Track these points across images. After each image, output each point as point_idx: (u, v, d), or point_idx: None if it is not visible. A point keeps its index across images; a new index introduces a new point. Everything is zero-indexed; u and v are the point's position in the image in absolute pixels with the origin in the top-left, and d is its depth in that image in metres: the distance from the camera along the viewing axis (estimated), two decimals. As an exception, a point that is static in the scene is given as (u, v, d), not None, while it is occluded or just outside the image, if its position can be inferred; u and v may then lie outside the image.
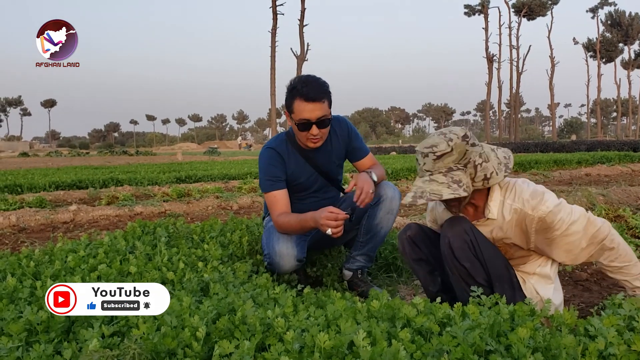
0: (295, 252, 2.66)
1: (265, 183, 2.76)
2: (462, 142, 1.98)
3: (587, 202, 5.79)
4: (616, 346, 1.37)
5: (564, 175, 12.15)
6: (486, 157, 2.03)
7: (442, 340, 1.37)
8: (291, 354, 1.34)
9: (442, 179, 2.00)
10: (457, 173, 2.00)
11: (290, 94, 2.60)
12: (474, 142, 2.03)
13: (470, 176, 2.01)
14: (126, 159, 29.61)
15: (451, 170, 2.00)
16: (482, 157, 2.02)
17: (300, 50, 34.65)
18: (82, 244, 2.80)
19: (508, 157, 2.10)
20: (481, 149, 2.04)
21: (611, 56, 73.89)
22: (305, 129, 2.61)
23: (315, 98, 2.54)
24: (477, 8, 60.72)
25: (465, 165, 2.00)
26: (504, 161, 2.08)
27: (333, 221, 2.38)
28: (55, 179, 9.94)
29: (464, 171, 2.00)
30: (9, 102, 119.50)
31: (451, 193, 1.96)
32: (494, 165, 2.03)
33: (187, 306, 1.64)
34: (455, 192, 1.96)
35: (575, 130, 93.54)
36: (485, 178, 2.01)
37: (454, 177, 1.99)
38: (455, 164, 2.00)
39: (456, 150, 1.98)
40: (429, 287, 2.40)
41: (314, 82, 2.58)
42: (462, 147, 1.98)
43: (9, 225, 5.87)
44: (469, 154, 2.00)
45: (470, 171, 2.01)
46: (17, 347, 1.42)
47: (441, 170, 2.01)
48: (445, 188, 1.98)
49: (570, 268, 3.37)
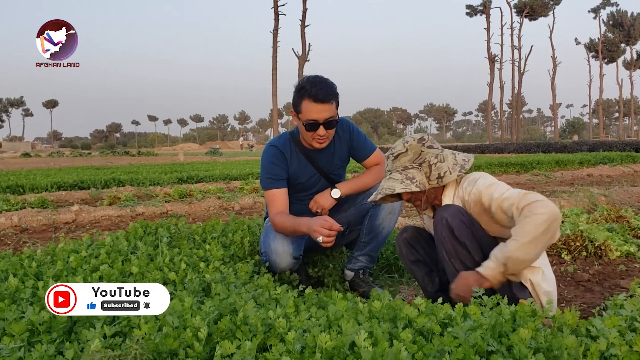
0: (291, 249, 2.67)
1: (266, 180, 2.77)
2: (417, 143, 2.21)
3: (589, 202, 5.78)
4: (618, 347, 1.36)
5: (565, 175, 12.14)
6: (442, 158, 2.22)
7: (444, 340, 1.37)
8: (292, 354, 1.34)
9: (397, 176, 2.21)
10: (412, 171, 2.20)
11: (299, 94, 2.61)
12: (432, 145, 2.23)
13: (426, 175, 2.20)
14: (128, 160, 29.64)
15: (406, 169, 2.21)
16: (437, 157, 2.21)
17: (302, 50, 34.67)
18: (84, 245, 2.80)
19: (467, 161, 2.25)
20: (439, 151, 2.23)
21: (613, 56, 73.80)
22: (313, 129, 2.62)
23: (324, 99, 2.55)
24: (478, 8, 60.71)
25: (420, 164, 2.20)
26: (460, 163, 2.23)
27: (326, 230, 2.40)
28: (57, 180, 9.96)
29: (418, 170, 2.20)
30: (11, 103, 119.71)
31: (403, 188, 2.16)
32: (449, 165, 2.20)
33: (188, 306, 1.64)
34: (407, 187, 2.16)
35: (577, 130, 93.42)
36: (439, 176, 2.19)
37: (407, 175, 2.19)
38: (410, 162, 2.21)
39: (411, 150, 2.20)
40: (428, 288, 2.45)
41: (322, 83, 2.58)
42: (417, 148, 2.20)
43: (11, 226, 5.88)
44: (424, 154, 2.20)
45: (426, 170, 2.20)
46: (19, 347, 1.42)
47: (398, 169, 2.23)
48: (398, 183, 2.18)
49: (572, 269, 3.37)
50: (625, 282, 3.09)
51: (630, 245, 3.75)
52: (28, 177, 11.14)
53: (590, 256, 3.66)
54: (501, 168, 13.46)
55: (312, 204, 2.85)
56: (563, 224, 4.11)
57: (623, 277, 3.24)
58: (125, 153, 46.06)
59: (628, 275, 3.27)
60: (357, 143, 2.93)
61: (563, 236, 3.78)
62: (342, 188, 2.86)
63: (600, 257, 3.64)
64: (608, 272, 3.34)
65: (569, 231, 3.81)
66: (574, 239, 3.74)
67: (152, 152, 49.22)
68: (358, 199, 2.93)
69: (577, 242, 3.72)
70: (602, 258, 3.62)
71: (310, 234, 2.47)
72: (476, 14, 61.55)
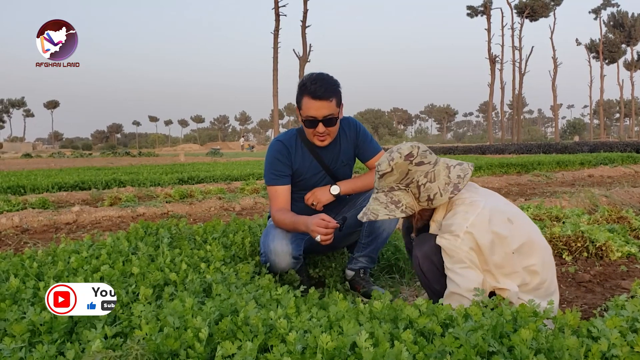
0: (290, 249, 2.68)
1: (269, 176, 2.79)
2: (404, 161, 1.98)
3: (590, 203, 5.78)
4: (619, 348, 1.36)
5: (566, 176, 12.14)
6: (433, 177, 1.99)
7: (445, 341, 1.37)
8: (293, 355, 1.34)
9: (383, 198, 2.04)
10: (397, 193, 2.02)
11: (300, 91, 2.63)
12: (421, 161, 1.99)
13: (415, 196, 2.01)
14: (129, 160, 29.64)
15: (392, 190, 2.03)
16: (427, 176, 1.99)
17: (303, 51, 34.67)
18: (84, 245, 2.81)
19: (462, 177, 2.02)
20: (430, 167, 2.01)
21: (614, 57, 73.76)
22: (312, 126, 2.63)
23: (323, 96, 2.55)
24: (479, 9, 60.70)
25: (408, 185, 2.00)
26: (454, 181, 2.00)
27: (323, 228, 2.40)
28: (58, 180, 9.96)
29: (405, 191, 2.01)
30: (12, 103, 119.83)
31: (386, 214, 2.00)
32: (440, 185, 1.99)
33: (189, 307, 1.64)
34: (391, 214, 2.00)
35: (578, 131, 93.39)
36: (429, 199, 2.00)
37: (393, 198, 2.02)
38: (396, 183, 2.01)
39: (397, 170, 1.99)
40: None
41: (323, 80, 2.58)
42: (404, 167, 1.98)
43: (12, 226, 5.89)
44: (412, 173, 1.99)
45: (414, 191, 2.01)
46: (20, 347, 1.42)
47: (384, 189, 2.04)
48: (382, 208, 2.02)
49: (573, 270, 3.37)
50: (627, 282, 3.09)
51: (632, 246, 3.75)
52: (29, 177, 11.15)
53: (591, 257, 3.66)
54: (502, 169, 13.45)
55: (309, 196, 2.85)
56: (564, 225, 4.11)
57: (624, 277, 3.24)
58: (126, 154, 46.06)
59: (629, 276, 3.27)
60: (362, 143, 2.93)
61: (564, 237, 3.78)
62: (342, 186, 2.86)
63: (601, 257, 3.64)
64: (609, 272, 3.34)
65: (570, 232, 3.81)
66: (575, 240, 3.74)
67: (153, 153, 49.23)
68: (359, 200, 2.93)
69: (578, 242, 3.72)
70: (603, 259, 3.62)
71: (309, 233, 2.48)
72: (477, 15, 61.53)
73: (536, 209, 5.16)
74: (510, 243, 1.92)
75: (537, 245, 2.02)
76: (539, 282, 1.99)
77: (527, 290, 1.98)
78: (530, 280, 1.97)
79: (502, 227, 1.92)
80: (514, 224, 1.98)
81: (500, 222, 1.94)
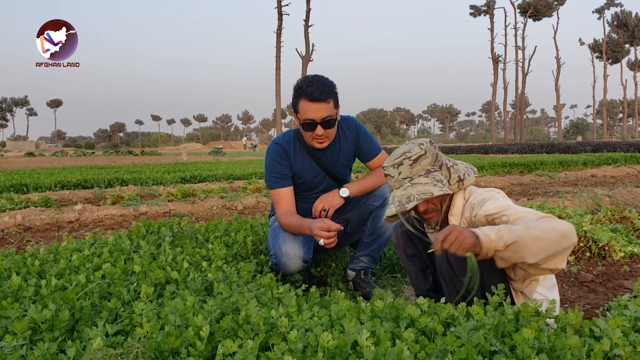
0: (301, 253, 2.66)
1: (270, 179, 2.76)
2: (431, 146, 2.06)
3: (593, 203, 5.76)
4: (621, 347, 1.36)
5: (569, 176, 12.11)
6: (453, 162, 2.10)
7: (446, 340, 1.37)
8: (295, 353, 1.33)
9: (424, 180, 2.01)
10: (436, 174, 2.04)
11: (296, 94, 2.59)
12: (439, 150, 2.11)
13: (446, 178, 2.06)
14: (131, 159, 29.69)
15: (430, 172, 2.04)
16: (450, 161, 2.09)
17: (306, 50, 34.65)
18: (86, 243, 2.81)
19: (469, 167, 2.14)
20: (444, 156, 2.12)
21: (617, 57, 73.57)
22: (310, 129, 2.60)
23: (320, 98, 2.52)
24: (482, 9, 60.62)
25: (440, 167, 2.07)
26: (467, 166, 2.13)
27: (325, 232, 2.40)
28: (61, 179, 9.98)
29: (440, 172, 2.06)
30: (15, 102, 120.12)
31: (440, 190, 1.97)
32: (462, 169, 2.09)
33: (190, 305, 1.64)
34: (443, 189, 1.97)
35: (581, 131, 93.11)
36: (459, 179, 2.06)
37: (435, 177, 2.02)
38: (431, 166, 2.05)
39: (429, 152, 2.04)
40: (420, 285, 2.38)
41: (319, 82, 2.55)
42: (433, 150, 2.06)
43: (14, 224, 5.90)
44: (440, 157, 2.08)
45: (445, 173, 2.06)
46: (22, 345, 1.42)
47: (420, 173, 2.04)
48: (432, 187, 1.98)
49: (575, 269, 3.36)
50: (629, 282, 3.08)
51: (634, 246, 3.74)
52: (32, 176, 11.17)
53: (594, 257, 3.65)
54: (505, 168, 13.43)
55: (319, 203, 2.79)
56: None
57: (627, 277, 3.23)
58: (129, 153, 46.16)
59: (632, 276, 3.25)
60: (363, 143, 2.91)
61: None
62: (350, 188, 2.84)
63: (604, 257, 3.63)
64: (612, 272, 3.33)
65: (573, 232, 3.79)
66: (577, 240, 3.73)
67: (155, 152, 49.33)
68: (362, 200, 2.92)
69: (581, 242, 3.71)
70: (606, 259, 3.61)
71: (313, 236, 2.48)
72: (480, 14, 61.45)
73: (539, 208, 5.15)
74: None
75: None
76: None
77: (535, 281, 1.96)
78: None
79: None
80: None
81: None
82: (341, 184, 2.92)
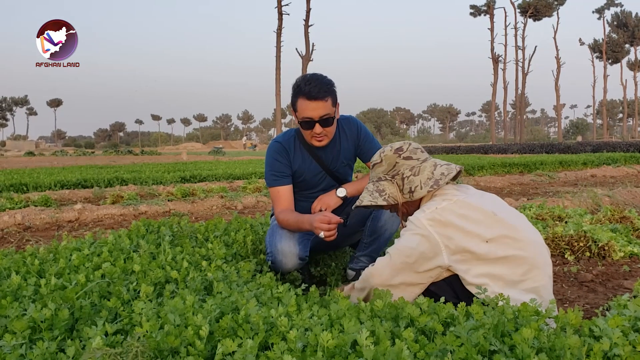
0: (297, 250, 2.66)
1: (270, 177, 2.77)
2: (393, 154, 2.14)
3: (593, 203, 5.76)
4: (621, 347, 1.36)
5: (569, 176, 12.12)
6: (417, 171, 2.11)
7: (446, 340, 1.36)
8: (294, 352, 1.33)
9: (370, 187, 2.20)
10: (383, 183, 2.16)
11: (294, 93, 2.60)
12: (410, 156, 2.13)
13: (399, 187, 2.14)
14: (131, 159, 29.69)
15: (379, 180, 2.18)
16: (412, 170, 2.12)
17: (306, 50, 34.65)
18: (86, 243, 2.81)
19: (445, 175, 2.08)
20: (418, 162, 2.12)
21: (617, 57, 73.59)
22: (309, 127, 2.61)
23: (318, 96, 2.53)
24: (482, 8, 60.63)
25: (393, 176, 2.15)
26: (436, 177, 2.08)
27: (326, 224, 2.40)
28: (61, 178, 9.98)
29: (390, 182, 2.15)
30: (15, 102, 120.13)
31: (370, 200, 2.15)
32: (422, 179, 2.09)
33: (190, 305, 1.64)
34: (373, 200, 2.14)
35: (581, 131, 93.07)
36: (410, 191, 2.11)
37: (378, 187, 2.17)
38: (384, 174, 2.17)
39: (385, 161, 2.15)
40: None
41: (316, 80, 2.56)
42: (392, 159, 2.14)
43: (14, 224, 5.90)
44: (398, 166, 2.13)
45: (399, 183, 2.13)
46: (21, 344, 1.42)
47: (374, 179, 2.21)
48: (368, 195, 2.17)
49: (575, 269, 3.36)
50: (629, 282, 3.08)
51: (634, 246, 3.74)
52: (32, 175, 11.16)
53: (593, 257, 3.65)
54: (504, 168, 13.43)
55: (317, 203, 2.83)
56: (567, 224, 4.10)
57: (626, 277, 3.23)
58: (129, 152, 46.15)
59: (632, 276, 3.26)
60: (364, 142, 2.90)
61: (566, 236, 3.77)
62: (348, 188, 2.85)
63: (604, 257, 3.63)
64: (611, 272, 3.33)
65: (573, 231, 3.80)
66: (577, 240, 3.73)
67: (155, 152, 49.33)
68: None
69: (581, 242, 3.71)
70: (606, 258, 3.61)
71: (313, 230, 2.48)
72: (480, 14, 61.46)
73: (538, 208, 5.15)
74: (481, 234, 1.91)
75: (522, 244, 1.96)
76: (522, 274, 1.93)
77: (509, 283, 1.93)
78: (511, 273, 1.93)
79: (461, 220, 1.93)
80: (494, 218, 1.96)
81: (466, 214, 1.95)
82: (342, 183, 2.92)
